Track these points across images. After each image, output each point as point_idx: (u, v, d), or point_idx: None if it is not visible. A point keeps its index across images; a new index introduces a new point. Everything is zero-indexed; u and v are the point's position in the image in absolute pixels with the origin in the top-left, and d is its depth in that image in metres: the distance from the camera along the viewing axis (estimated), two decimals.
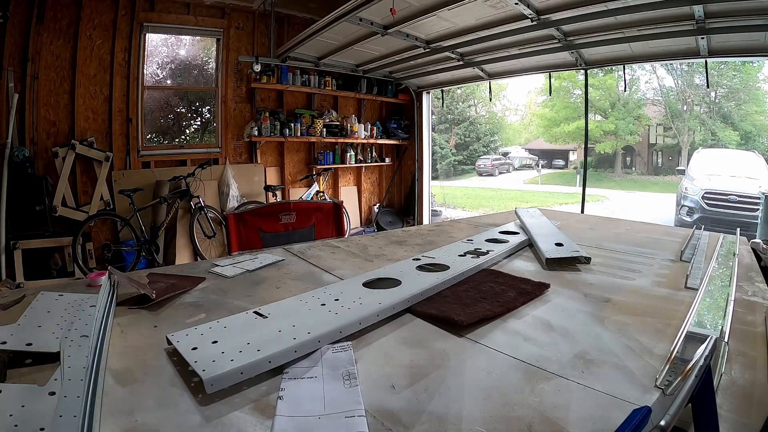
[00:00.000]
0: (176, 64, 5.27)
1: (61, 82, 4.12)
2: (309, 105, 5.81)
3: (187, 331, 0.71)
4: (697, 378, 0.40)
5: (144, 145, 4.70)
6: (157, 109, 5.14)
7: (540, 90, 21.25)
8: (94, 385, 0.47)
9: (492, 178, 20.59)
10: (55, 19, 4.01)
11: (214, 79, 5.18)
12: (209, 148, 5.14)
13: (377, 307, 0.83)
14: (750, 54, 3.62)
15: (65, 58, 4.12)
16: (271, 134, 5.22)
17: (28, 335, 0.58)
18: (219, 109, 5.11)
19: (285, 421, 0.44)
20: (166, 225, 4.34)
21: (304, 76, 5.43)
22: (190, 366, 0.58)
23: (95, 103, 4.33)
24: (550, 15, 3.43)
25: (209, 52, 5.31)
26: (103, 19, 4.27)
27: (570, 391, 0.50)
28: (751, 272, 1.08)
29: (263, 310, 0.80)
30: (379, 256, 1.15)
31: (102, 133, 4.38)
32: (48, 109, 4.08)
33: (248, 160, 5.31)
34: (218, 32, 5.00)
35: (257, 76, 5.07)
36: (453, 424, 0.44)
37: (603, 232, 1.86)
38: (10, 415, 0.41)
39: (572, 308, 0.81)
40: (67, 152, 4.09)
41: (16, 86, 3.80)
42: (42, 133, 4.05)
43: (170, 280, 0.91)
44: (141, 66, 4.55)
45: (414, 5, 3.51)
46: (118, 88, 4.42)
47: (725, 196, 6.44)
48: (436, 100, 8.16)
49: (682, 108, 17.57)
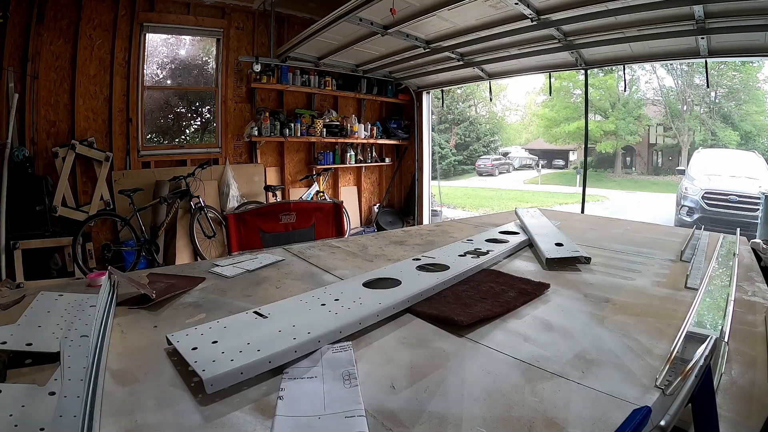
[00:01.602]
0: (176, 64, 5.27)
1: (61, 82, 4.12)
2: (309, 105, 5.81)
3: (187, 331, 0.71)
4: (697, 378, 0.40)
5: (144, 145, 4.70)
6: (157, 109, 5.14)
7: (540, 90, 21.26)
8: (94, 385, 0.47)
9: (492, 178, 20.60)
10: (55, 19, 4.01)
11: (214, 79, 5.18)
12: (209, 148, 5.14)
13: (377, 307, 0.83)
14: (750, 54, 3.62)
15: (65, 58, 4.12)
16: (271, 134, 5.23)
17: (28, 335, 0.58)
18: (219, 109, 5.11)
19: (285, 421, 0.44)
20: (166, 225, 4.34)
21: (304, 76, 5.43)
22: (190, 366, 0.58)
23: (95, 103, 4.33)
24: (550, 15, 3.43)
25: (209, 52, 5.31)
26: (103, 19, 4.28)
27: (570, 391, 0.50)
28: (751, 272, 1.08)
29: (263, 310, 0.80)
30: (379, 256, 1.15)
31: (102, 133, 4.39)
32: (48, 109, 4.08)
33: (248, 160, 5.31)
34: (218, 32, 5.00)
35: (257, 76, 5.07)
36: (453, 424, 0.44)
37: (603, 232, 1.86)
38: (10, 415, 0.41)
39: (572, 308, 0.81)
40: (67, 152, 4.09)
41: (16, 86, 3.80)
42: (42, 133, 4.05)
43: (170, 280, 0.91)
44: (141, 66, 4.55)
45: (414, 5, 3.51)
46: (118, 88, 4.42)
47: (725, 196, 6.44)
48: (436, 100, 8.16)
49: (682, 108, 17.57)
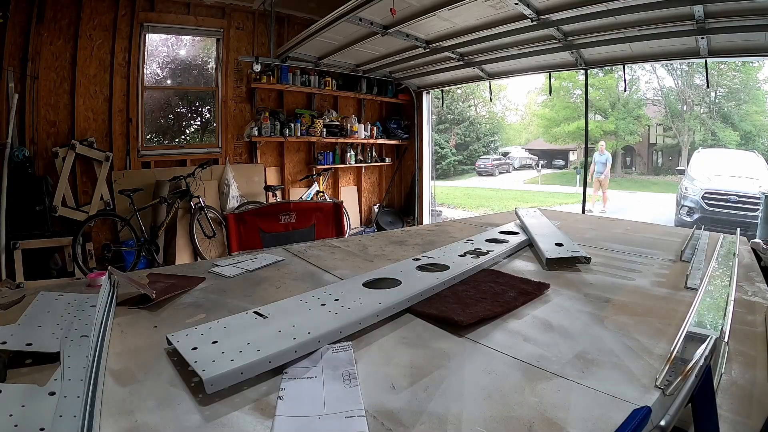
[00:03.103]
0: (176, 64, 5.27)
1: (61, 82, 4.12)
2: (309, 105, 5.81)
3: (187, 331, 0.71)
4: (697, 378, 0.40)
5: (144, 145, 4.70)
6: (157, 109, 5.14)
7: (540, 90, 21.25)
8: (94, 385, 0.47)
9: (492, 178, 20.60)
10: (55, 19, 4.01)
11: (214, 79, 5.18)
12: (209, 148, 5.14)
13: (377, 307, 0.83)
14: (750, 54, 3.62)
15: (65, 58, 4.12)
16: (271, 134, 5.22)
17: (28, 335, 0.58)
18: (219, 109, 5.11)
19: (285, 422, 0.44)
20: (166, 225, 4.34)
21: (304, 76, 5.43)
22: (190, 366, 0.58)
23: (95, 103, 4.33)
24: (550, 15, 3.43)
25: (209, 52, 5.31)
26: (103, 19, 4.27)
27: (570, 391, 0.50)
28: (751, 272, 1.08)
29: (263, 310, 0.80)
30: (379, 256, 1.15)
31: (102, 133, 4.38)
32: (48, 109, 4.08)
33: (248, 160, 5.31)
34: (218, 32, 5.00)
35: (257, 76, 5.07)
36: (453, 424, 0.44)
37: (603, 232, 1.86)
38: (10, 415, 0.41)
39: (572, 308, 0.81)
40: (67, 152, 4.09)
41: (16, 86, 3.80)
42: (42, 133, 4.05)
43: (170, 279, 0.91)
44: (141, 66, 4.55)
45: (414, 5, 3.51)
46: (118, 88, 4.42)
47: (725, 196, 6.43)
48: (436, 100, 8.15)
49: (682, 108, 17.57)
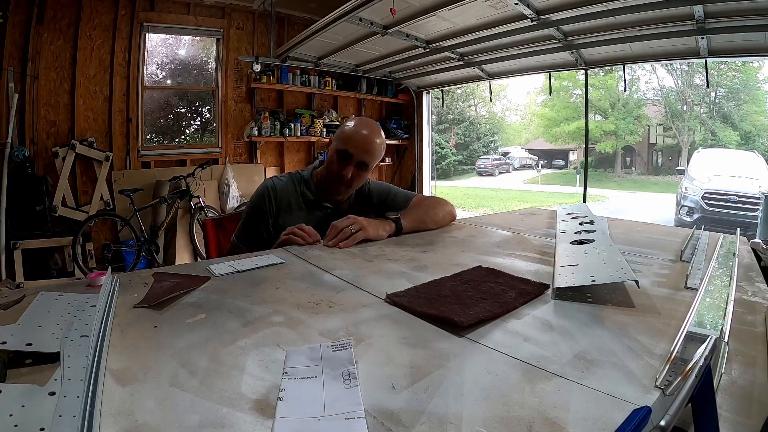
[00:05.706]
0: (176, 64, 5.27)
1: (61, 82, 4.12)
2: (309, 105, 5.81)
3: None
4: (697, 378, 0.40)
5: (144, 145, 4.70)
6: (157, 109, 5.14)
7: (540, 90, 21.30)
8: (94, 385, 0.46)
9: (492, 178, 20.63)
10: (55, 19, 4.02)
11: (214, 79, 5.18)
12: (209, 148, 5.15)
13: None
14: (750, 54, 3.62)
15: (65, 58, 4.12)
16: (271, 134, 5.23)
17: (28, 335, 0.58)
18: (219, 109, 5.12)
19: (285, 423, 0.44)
20: (166, 225, 4.34)
21: (304, 76, 5.43)
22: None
23: (95, 103, 4.33)
24: (550, 15, 3.43)
25: (209, 52, 5.31)
26: (103, 19, 4.28)
27: (570, 391, 0.50)
28: (751, 272, 1.08)
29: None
30: (379, 256, 1.15)
31: (102, 133, 4.39)
32: (48, 109, 4.08)
33: (248, 160, 5.31)
34: (218, 32, 5.00)
35: (257, 76, 5.07)
36: (453, 424, 0.44)
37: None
38: (10, 415, 0.41)
39: (572, 308, 0.81)
40: (67, 152, 4.09)
41: (16, 86, 3.80)
42: (42, 133, 4.05)
43: (176, 279, 0.91)
44: (141, 66, 4.55)
45: (414, 5, 3.51)
46: (118, 88, 4.42)
47: (725, 196, 6.44)
48: (436, 100, 8.15)
49: (682, 108, 17.58)
